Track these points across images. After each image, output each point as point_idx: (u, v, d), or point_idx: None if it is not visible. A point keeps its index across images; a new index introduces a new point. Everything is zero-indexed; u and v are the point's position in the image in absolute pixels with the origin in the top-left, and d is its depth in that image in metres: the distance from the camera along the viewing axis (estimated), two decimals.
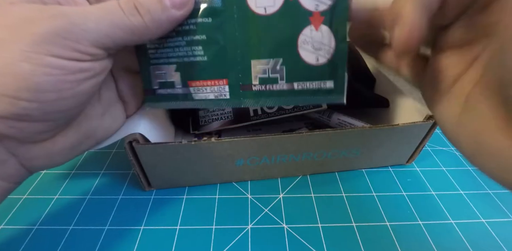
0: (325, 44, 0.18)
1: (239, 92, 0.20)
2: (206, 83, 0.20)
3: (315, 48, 0.18)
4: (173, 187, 0.29)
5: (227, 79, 0.20)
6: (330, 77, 0.19)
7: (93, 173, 0.30)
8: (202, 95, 0.20)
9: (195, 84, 0.20)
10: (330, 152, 0.28)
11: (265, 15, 0.19)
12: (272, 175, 0.30)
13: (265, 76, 0.19)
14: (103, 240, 0.24)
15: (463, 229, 0.25)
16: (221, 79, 0.20)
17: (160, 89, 0.21)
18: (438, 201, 0.28)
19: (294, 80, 0.19)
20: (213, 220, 0.26)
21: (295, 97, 0.20)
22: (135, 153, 0.24)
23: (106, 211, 0.26)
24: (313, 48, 0.19)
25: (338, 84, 0.19)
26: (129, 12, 0.16)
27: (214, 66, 0.20)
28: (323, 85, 0.19)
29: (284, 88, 0.19)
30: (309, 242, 0.24)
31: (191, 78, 0.20)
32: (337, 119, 0.31)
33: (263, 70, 0.19)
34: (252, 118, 0.31)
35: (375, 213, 0.27)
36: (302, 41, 0.19)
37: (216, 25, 0.19)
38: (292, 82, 0.19)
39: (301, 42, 0.19)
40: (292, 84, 0.19)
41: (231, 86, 0.20)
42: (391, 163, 0.32)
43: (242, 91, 0.20)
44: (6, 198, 0.18)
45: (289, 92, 0.20)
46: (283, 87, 0.19)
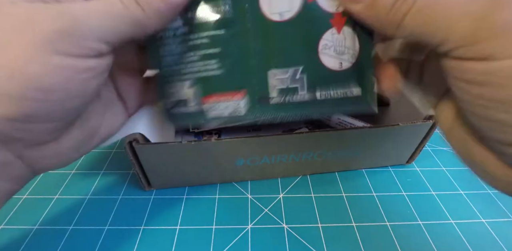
0: (349, 47, 0.17)
1: (256, 107, 0.18)
2: (219, 98, 0.19)
3: (338, 52, 0.17)
4: (173, 187, 0.29)
5: (242, 92, 0.18)
6: (357, 83, 0.17)
7: (93, 173, 0.30)
8: (216, 113, 0.19)
9: (208, 101, 0.19)
10: (330, 152, 0.28)
11: (281, 21, 0.17)
12: (272, 175, 0.30)
13: (284, 86, 0.18)
14: (103, 240, 0.24)
15: (463, 229, 0.25)
16: (236, 94, 0.18)
17: (174, 108, 0.20)
18: (438, 201, 0.28)
19: (317, 89, 0.18)
20: (213, 220, 0.26)
21: (318, 108, 0.18)
22: (135, 153, 0.24)
23: (106, 211, 0.26)
24: (336, 52, 0.17)
25: (367, 91, 0.17)
26: (129, 4, 0.16)
27: (228, 81, 0.18)
28: (349, 93, 0.18)
29: (306, 99, 0.18)
30: (309, 242, 0.24)
31: (205, 94, 0.19)
32: (337, 119, 0.31)
33: (282, 80, 0.18)
34: None
35: (375, 213, 0.27)
36: (323, 46, 0.17)
37: (229, 36, 0.18)
38: (314, 91, 0.18)
39: (322, 47, 0.17)
40: (314, 93, 0.18)
41: (247, 101, 0.18)
42: (391, 163, 0.32)
43: (259, 106, 0.18)
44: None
45: (311, 102, 0.18)
46: (305, 98, 0.18)
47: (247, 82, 0.18)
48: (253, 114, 0.19)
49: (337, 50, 0.17)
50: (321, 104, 0.18)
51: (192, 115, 0.19)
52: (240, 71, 0.18)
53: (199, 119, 0.19)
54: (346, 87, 0.18)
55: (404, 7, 0.13)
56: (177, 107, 0.20)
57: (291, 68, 0.18)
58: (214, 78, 0.18)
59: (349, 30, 0.17)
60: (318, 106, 0.18)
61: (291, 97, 0.18)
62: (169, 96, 0.20)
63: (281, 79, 0.18)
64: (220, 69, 0.18)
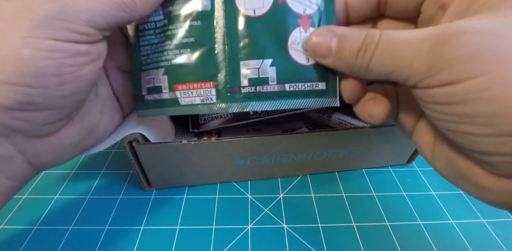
0: None
1: (227, 96, 0.19)
2: (192, 85, 0.20)
3: (305, 48, 0.18)
4: (173, 187, 0.29)
5: (214, 81, 0.19)
6: (322, 78, 0.19)
7: (93, 173, 0.30)
8: (188, 100, 0.20)
9: (181, 88, 0.20)
10: (330, 152, 0.28)
11: (254, 16, 0.18)
12: (272, 175, 0.30)
13: (255, 76, 0.19)
14: (103, 240, 0.24)
15: (463, 229, 0.25)
16: (208, 82, 0.19)
17: (148, 95, 0.21)
18: (438, 201, 0.28)
19: (286, 81, 0.19)
20: (213, 220, 0.26)
21: (287, 99, 0.19)
22: (135, 153, 0.24)
23: (106, 211, 0.26)
24: (303, 48, 0.18)
25: (330, 86, 0.19)
26: None
27: (201, 68, 0.19)
28: (315, 87, 0.19)
29: (276, 90, 0.19)
30: (309, 242, 0.24)
31: (178, 81, 0.20)
32: (337, 119, 0.31)
33: (253, 71, 0.19)
34: (252, 117, 0.31)
35: (375, 213, 0.27)
36: (292, 41, 0.18)
37: (205, 27, 0.19)
38: (283, 83, 0.19)
39: (291, 42, 0.18)
40: (283, 85, 0.19)
41: (218, 89, 0.19)
42: (391, 163, 0.32)
43: (229, 94, 0.19)
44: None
45: (280, 93, 0.19)
46: (274, 88, 0.19)
47: (219, 70, 0.19)
48: (224, 103, 0.19)
49: (304, 46, 0.18)
50: (290, 96, 0.19)
51: (165, 102, 0.20)
52: (213, 60, 0.19)
53: (172, 106, 0.20)
54: (312, 80, 0.19)
55: (366, 55, 0.15)
56: (151, 93, 0.21)
57: (262, 59, 0.19)
58: (187, 66, 0.19)
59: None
60: (286, 98, 0.19)
61: (261, 87, 0.19)
62: (145, 83, 0.21)
63: (252, 69, 0.19)
64: (193, 57, 0.19)
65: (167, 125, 0.30)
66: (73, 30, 0.15)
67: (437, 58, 0.13)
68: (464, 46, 0.12)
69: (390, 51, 0.14)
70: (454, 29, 0.13)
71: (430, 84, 0.13)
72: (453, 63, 0.12)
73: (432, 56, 0.13)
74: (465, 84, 0.12)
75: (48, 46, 0.15)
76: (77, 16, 0.15)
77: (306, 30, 0.18)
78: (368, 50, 0.15)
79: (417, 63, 0.13)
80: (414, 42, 0.14)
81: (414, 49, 0.14)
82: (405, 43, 0.14)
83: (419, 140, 0.18)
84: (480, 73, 0.12)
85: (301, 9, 0.18)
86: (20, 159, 0.17)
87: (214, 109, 0.19)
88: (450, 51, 0.12)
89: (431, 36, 0.13)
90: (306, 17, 0.18)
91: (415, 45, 0.14)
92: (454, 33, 0.13)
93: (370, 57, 0.15)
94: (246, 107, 0.19)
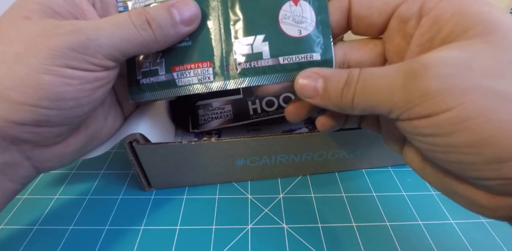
0: (306, 17, 0.19)
1: (224, 73, 0.20)
2: (189, 66, 0.20)
3: (297, 21, 0.19)
4: (173, 187, 0.29)
5: (211, 61, 0.20)
6: (316, 48, 0.19)
7: (93, 173, 0.30)
8: (186, 80, 0.20)
9: (178, 69, 0.20)
10: (330, 152, 0.28)
11: None
12: (272, 175, 0.30)
13: (249, 52, 0.19)
14: (103, 240, 0.24)
15: (463, 229, 0.25)
16: (205, 62, 0.20)
17: (144, 78, 0.21)
18: (438, 201, 0.28)
19: (279, 54, 0.19)
20: (213, 220, 0.26)
21: (282, 73, 0.19)
22: (135, 153, 0.24)
23: (106, 211, 0.26)
24: (295, 21, 0.19)
25: (326, 55, 0.19)
26: (140, 27, 0.17)
27: (197, 49, 0.20)
28: (310, 58, 0.19)
29: (270, 64, 0.19)
30: (309, 242, 0.24)
31: (175, 63, 0.20)
32: None
33: (247, 47, 0.19)
34: (252, 117, 0.31)
35: (375, 213, 0.27)
36: (283, 16, 0.19)
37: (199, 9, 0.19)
38: (277, 56, 0.19)
39: (282, 17, 0.19)
40: (277, 58, 0.19)
41: (215, 68, 0.20)
42: (391, 163, 0.32)
43: (226, 72, 0.20)
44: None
45: (275, 67, 0.19)
46: (268, 63, 0.19)
47: (215, 50, 0.20)
48: (222, 80, 0.20)
49: (295, 19, 0.19)
50: (285, 69, 0.19)
51: (162, 84, 0.20)
52: (208, 41, 0.20)
53: (169, 87, 0.20)
54: (307, 51, 0.19)
55: (349, 92, 0.15)
56: (147, 77, 0.21)
57: (255, 36, 0.19)
58: (184, 48, 0.20)
59: (305, 3, 0.19)
60: (282, 71, 0.19)
61: (256, 62, 0.19)
62: (140, 67, 0.21)
63: (245, 46, 0.19)
64: (190, 39, 0.20)
65: (167, 125, 0.30)
66: (91, 62, 0.16)
67: (411, 91, 0.13)
68: (434, 80, 0.12)
69: (369, 87, 0.15)
70: (422, 63, 0.13)
71: (411, 116, 0.14)
72: (426, 97, 0.13)
73: (406, 90, 0.13)
74: (443, 116, 0.12)
75: (68, 74, 0.15)
76: (96, 50, 0.16)
77: (296, 3, 0.19)
78: (350, 88, 0.15)
79: (395, 97, 0.14)
80: (387, 77, 0.14)
81: (389, 84, 0.14)
82: (380, 79, 0.14)
83: (409, 159, 0.18)
84: (453, 106, 0.12)
85: None
86: (26, 164, 0.17)
87: (212, 87, 0.20)
88: (421, 85, 0.13)
89: (402, 71, 0.14)
90: None
91: (389, 80, 0.14)
92: (423, 67, 0.13)
93: (353, 94, 0.15)
94: (243, 83, 0.20)
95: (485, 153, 0.12)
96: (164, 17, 0.17)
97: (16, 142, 0.16)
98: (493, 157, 0.12)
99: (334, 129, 0.21)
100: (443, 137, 0.13)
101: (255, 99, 0.31)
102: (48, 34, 0.15)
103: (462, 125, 0.12)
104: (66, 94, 0.16)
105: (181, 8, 0.18)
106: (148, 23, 0.17)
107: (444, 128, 0.13)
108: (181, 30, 0.18)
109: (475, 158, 0.12)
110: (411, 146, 0.18)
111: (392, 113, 0.14)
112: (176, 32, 0.18)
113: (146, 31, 0.17)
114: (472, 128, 0.12)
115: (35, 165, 0.17)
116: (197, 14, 0.19)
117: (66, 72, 0.15)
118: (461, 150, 0.13)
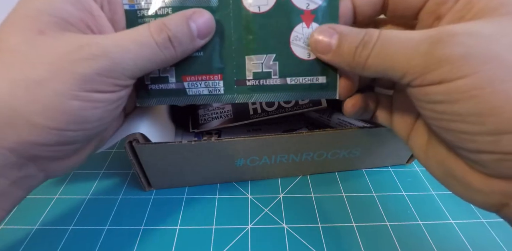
0: None
1: (234, 88, 0.20)
2: (201, 77, 0.20)
3: (307, 44, 0.19)
4: (173, 187, 0.29)
5: (222, 74, 0.20)
6: (322, 72, 0.20)
7: (93, 173, 0.30)
8: (196, 90, 0.20)
9: (189, 79, 0.20)
10: (330, 152, 0.28)
11: (259, 13, 0.19)
12: (272, 175, 0.30)
13: (259, 71, 0.20)
14: (103, 240, 0.24)
15: (463, 229, 0.25)
16: (216, 74, 0.20)
17: (153, 84, 0.21)
18: (438, 201, 0.28)
19: (287, 75, 0.20)
20: (213, 220, 0.26)
21: (288, 92, 0.20)
22: (135, 153, 0.24)
23: (106, 211, 0.26)
24: (305, 44, 0.19)
25: (331, 80, 0.20)
26: (163, 46, 0.17)
27: (209, 62, 0.20)
28: (315, 80, 0.20)
29: (278, 83, 0.20)
30: (309, 242, 0.24)
31: (186, 72, 0.20)
32: (337, 119, 0.31)
33: (257, 65, 0.20)
34: (252, 117, 0.31)
35: (375, 213, 0.27)
36: (294, 37, 0.19)
37: None
38: (285, 77, 0.20)
39: (293, 38, 0.19)
40: (285, 79, 0.20)
41: (226, 81, 0.20)
42: (391, 163, 0.32)
43: (236, 87, 0.20)
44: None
45: (282, 87, 0.20)
46: (276, 82, 0.20)
47: (226, 64, 0.20)
48: (231, 94, 0.21)
49: (306, 42, 0.19)
50: (291, 89, 0.20)
51: (172, 92, 0.21)
52: (221, 55, 0.20)
53: (179, 95, 0.21)
54: (313, 74, 0.20)
55: (364, 52, 0.16)
56: (157, 83, 0.21)
57: (266, 54, 0.20)
58: (196, 59, 0.20)
59: (316, 26, 0.19)
60: (288, 90, 0.20)
61: (264, 80, 0.20)
62: (150, 72, 0.21)
63: (256, 64, 0.20)
64: (203, 51, 0.20)
65: (167, 125, 0.30)
66: (116, 84, 0.16)
67: (431, 57, 0.13)
68: (457, 47, 0.13)
69: (387, 49, 0.15)
70: (449, 30, 0.13)
71: (424, 82, 0.14)
72: (444, 63, 0.13)
73: (427, 56, 0.13)
74: (456, 83, 0.13)
75: (94, 98, 0.15)
76: (121, 73, 0.16)
77: (308, 25, 0.19)
78: (366, 48, 0.16)
79: (413, 62, 0.14)
80: (411, 42, 0.14)
81: (411, 49, 0.14)
82: (403, 42, 0.14)
83: (414, 143, 0.19)
84: (470, 73, 0.12)
85: (304, 4, 0.19)
86: (40, 175, 0.17)
87: (222, 99, 0.21)
88: (444, 51, 0.13)
89: (428, 37, 0.14)
90: (309, 12, 0.19)
91: (412, 45, 0.14)
92: (450, 34, 0.13)
93: (368, 55, 0.15)
94: (251, 98, 0.21)
95: (487, 123, 0.12)
96: (184, 33, 0.17)
97: (35, 159, 0.16)
98: (494, 128, 0.12)
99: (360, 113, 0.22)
100: (450, 104, 0.13)
101: None
102: (74, 59, 0.14)
103: (471, 93, 0.12)
104: (92, 117, 0.16)
105: (198, 20, 0.18)
106: (170, 41, 0.17)
107: (453, 95, 0.13)
108: (198, 44, 0.18)
109: (477, 128, 0.13)
110: (418, 129, 0.18)
111: (405, 78, 0.15)
112: (193, 46, 0.18)
113: (169, 50, 0.17)
114: (480, 97, 0.12)
115: (48, 175, 0.18)
116: (213, 27, 0.19)
117: (93, 97, 0.15)
118: (465, 119, 0.13)
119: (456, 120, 0.13)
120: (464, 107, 0.13)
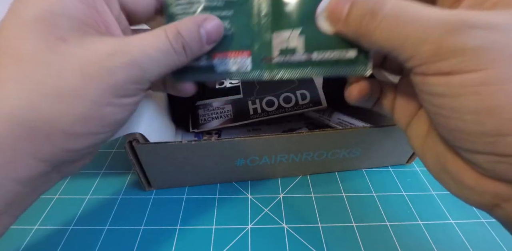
0: None
1: (260, 65, 0.20)
2: (229, 54, 0.20)
3: None
4: (173, 187, 0.29)
5: (250, 51, 0.20)
6: (352, 45, 0.18)
7: (93, 173, 0.30)
8: (224, 67, 0.21)
9: (218, 56, 0.20)
10: (330, 152, 0.28)
11: None
12: (272, 175, 0.30)
13: (284, 46, 0.20)
14: (103, 240, 0.24)
15: (463, 229, 0.25)
16: (244, 51, 0.20)
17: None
18: (438, 201, 0.28)
19: (313, 49, 0.19)
20: (213, 220, 0.26)
21: (314, 68, 0.19)
22: (135, 153, 0.24)
23: (106, 211, 0.26)
24: None
25: (362, 52, 0.18)
26: (179, 53, 0.17)
27: (238, 39, 0.20)
28: (344, 55, 0.19)
29: (303, 58, 0.19)
30: (309, 242, 0.24)
31: (216, 50, 0.20)
32: (337, 119, 0.31)
33: (283, 41, 0.20)
34: (252, 117, 0.31)
35: (375, 213, 0.27)
36: (320, 11, 0.19)
37: (241, 1, 0.20)
38: (311, 52, 0.19)
39: (319, 12, 0.19)
40: (311, 54, 0.19)
41: (254, 58, 0.20)
42: (391, 163, 0.32)
43: (263, 64, 0.20)
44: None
45: (308, 62, 0.19)
46: (301, 57, 0.19)
47: (254, 42, 0.20)
48: (258, 71, 0.20)
49: None
50: (317, 65, 0.19)
51: (201, 69, 0.21)
52: (249, 32, 0.20)
53: (209, 73, 0.21)
54: (341, 48, 0.19)
55: (371, 24, 0.15)
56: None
57: (292, 29, 0.19)
58: (225, 37, 0.20)
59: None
60: (314, 67, 0.20)
61: (290, 56, 0.20)
62: None
63: (282, 39, 0.20)
64: (231, 29, 0.20)
65: (167, 125, 0.30)
66: (141, 89, 0.17)
67: (444, 45, 0.12)
68: (473, 39, 0.12)
69: (398, 24, 0.14)
70: (468, 20, 0.12)
71: (429, 70, 0.13)
72: (456, 54, 0.12)
73: (440, 42, 0.13)
74: (463, 76, 0.12)
75: (124, 102, 0.16)
76: (147, 78, 0.17)
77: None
78: (374, 17, 0.14)
79: (423, 47, 0.13)
80: (427, 23, 0.13)
81: (425, 31, 0.13)
82: (418, 21, 0.13)
83: (412, 132, 0.18)
84: (482, 68, 0.12)
85: None
86: (57, 178, 0.18)
87: (249, 76, 0.21)
88: (460, 41, 0.12)
89: (446, 23, 0.13)
90: None
91: (427, 27, 0.13)
92: (469, 25, 0.12)
93: (375, 26, 0.14)
94: (277, 75, 0.20)
95: (486, 123, 0.12)
96: (196, 40, 0.18)
97: (58, 165, 0.16)
98: (493, 128, 0.12)
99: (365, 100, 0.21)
100: (450, 98, 0.13)
101: (255, 99, 0.31)
102: (106, 68, 0.15)
103: (475, 89, 0.12)
104: (122, 120, 0.17)
105: (207, 27, 0.18)
106: (184, 48, 0.17)
107: (455, 88, 0.12)
108: (205, 49, 0.19)
109: (475, 128, 0.12)
110: (420, 118, 0.18)
111: (410, 62, 0.14)
112: (201, 52, 0.19)
113: (182, 56, 0.18)
114: (483, 94, 0.12)
115: (62, 176, 0.18)
116: (221, 33, 0.19)
117: (123, 101, 0.16)
118: (462, 117, 0.13)
119: (453, 117, 0.13)
120: (463, 103, 0.12)
